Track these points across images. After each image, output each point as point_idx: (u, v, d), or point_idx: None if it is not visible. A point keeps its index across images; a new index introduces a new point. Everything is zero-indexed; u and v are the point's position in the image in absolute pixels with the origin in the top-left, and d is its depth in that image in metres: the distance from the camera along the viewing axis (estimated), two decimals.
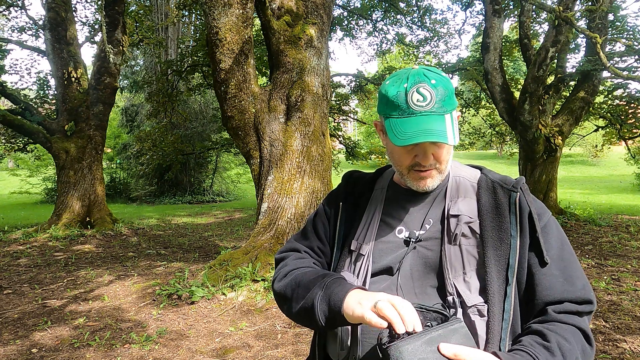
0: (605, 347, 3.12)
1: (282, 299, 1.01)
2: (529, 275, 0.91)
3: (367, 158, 14.13)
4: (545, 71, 7.95)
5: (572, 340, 0.84)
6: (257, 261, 4.57)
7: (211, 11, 4.61)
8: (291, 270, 1.03)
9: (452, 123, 0.91)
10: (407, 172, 0.98)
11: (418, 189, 0.99)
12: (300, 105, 5.04)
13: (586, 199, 14.17)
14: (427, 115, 0.89)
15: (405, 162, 0.97)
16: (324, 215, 1.14)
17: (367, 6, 12.73)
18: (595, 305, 0.92)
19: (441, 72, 0.98)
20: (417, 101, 0.90)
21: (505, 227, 0.92)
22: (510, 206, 0.93)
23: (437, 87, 0.90)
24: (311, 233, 1.14)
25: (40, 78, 10.49)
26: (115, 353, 3.21)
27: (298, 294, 0.96)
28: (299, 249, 1.12)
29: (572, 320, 0.87)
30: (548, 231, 0.93)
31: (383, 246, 0.99)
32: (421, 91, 0.90)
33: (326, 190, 5.20)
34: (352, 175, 1.17)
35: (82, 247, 7.14)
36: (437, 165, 0.96)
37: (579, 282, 0.91)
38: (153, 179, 17.38)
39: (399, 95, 0.91)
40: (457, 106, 0.97)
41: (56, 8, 8.28)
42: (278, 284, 1.03)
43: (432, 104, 0.90)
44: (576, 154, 31.36)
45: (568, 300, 0.89)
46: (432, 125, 0.89)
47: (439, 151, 0.94)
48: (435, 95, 0.90)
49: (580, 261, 5.64)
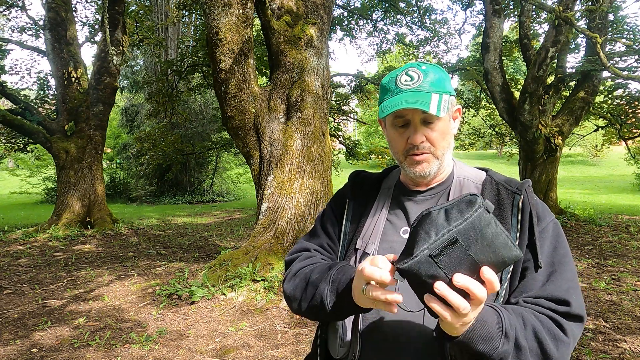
0: (605, 347, 3.12)
1: (292, 299, 1.01)
2: (520, 277, 0.90)
3: (367, 158, 14.13)
4: (545, 71, 7.95)
5: (536, 321, 0.81)
6: (257, 261, 4.57)
7: (211, 11, 4.61)
8: (299, 270, 1.03)
9: (440, 101, 0.92)
10: (404, 159, 0.99)
11: (415, 175, 0.99)
12: (300, 105, 5.04)
13: (586, 199, 14.17)
14: (412, 91, 0.93)
15: (400, 147, 0.99)
16: (331, 214, 1.15)
17: (367, 6, 12.73)
18: (584, 319, 0.86)
19: (439, 66, 1.00)
20: (405, 81, 0.94)
21: (506, 228, 0.91)
22: (513, 208, 0.92)
23: (426, 72, 0.95)
24: (320, 231, 1.14)
25: (41, 78, 10.49)
26: (115, 353, 3.21)
27: (307, 292, 0.96)
28: (308, 248, 1.12)
29: (545, 312, 0.84)
30: (544, 235, 0.92)
31: (387, 245, 0.99)
32: (409, 73, 0.95)
33: (326, 190, 5.20)
34: (358, 175, 1.17)
35: (82, 247, 7.14)
36: (431, 149, 0.96)
37: (565, 284, 0.87)
38: (153, 179, 17.38)
39: (390, 80, 0.97)
40: (451, 94, 0.97)
41: (56, 8, 8.29)
42: (287, 285, 1.04)
43: (419, 83, 0.93)
44: (576, 154, 31.37)
45: (543, 297, 0.86)
46: (414, 97, 0.92)
47: (431, 133, 0.95)
48: (423, 76, 0.94)
49: (580, 261, 5.64)
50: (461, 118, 5.90)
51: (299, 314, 1.02)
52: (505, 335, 0.75)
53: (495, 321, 0.75)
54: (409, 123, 0.96)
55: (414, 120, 0.95)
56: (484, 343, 0.74)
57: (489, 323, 0.74)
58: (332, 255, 1.11)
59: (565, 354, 0.82)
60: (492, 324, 0.75)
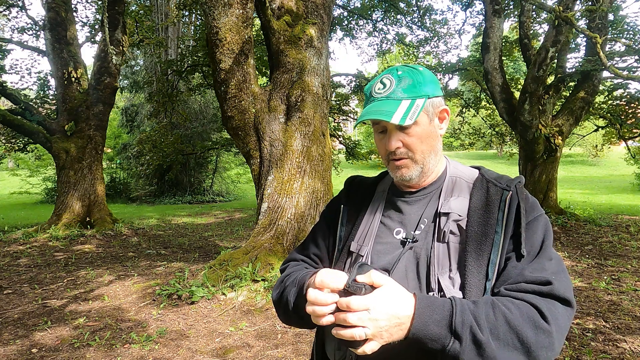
0: (605, 347, 3.12)
1: (276, 307, 1.07)
2: (502, 268, 0.89)
3: (367, 158, 14.14)
4: (545, 71, 7.95)
5: (512, 308, 0.80)
6: (257, 261, 4.57)
7: (211, 11, 4.61)
8: (283, 279, 1.07)
9: (409, 108, 0.93)
10: (387, 163, 1.02)
11: (397, 179, 1.03)
12: (300, 105, 5.04)
13: (586, 199, 14.17)
14: (381, 100, 0.96)
15: (382, 152, 1.02)
16: (323, 221, 1.18)
17: (367, 6, 12.73)
18: (572, 304, 0.84)
19: (420, 66, 1.01)
20: (378, 89, 0.98)
21: (492, 222, 0.91)
22: (500, 203, 0.92)
23: (401, 77, 0.97)
24: (310, 242, 1.18)
25: (41, 78, 10.49)
26: (116, 353, 3.21)
27: (282, 298, 1.02)
28: (296, 259, 1.17)
29: (525, 297, 0.82)
30: (533, 229, 0.90)
31: (381, 247, 1.00)
32: (383, 80, 0.98)
33: (326, 190, 5.20)
34: (353, 181, 1.19)
35: (82, 247, 7.14)
36: (409, 154, 0.97)
37: (549, 269, 0.85)
38: (153, 179, 17.38)
39: (368, 87, 1.01)
40: (430, 96, 0.97)
41: (56, 8, 8.29)
42: (273, 294, 1.09)
43: (389, 91, 0.96)
44: (576, 154, 31.38)
45: (524, 281, 0.84)
46: (381, 107, 0.94)
47: (407, 139, 0.96)
48: (395, 83, 0.96)
49: (580, 261, 5.64)
50: (461, 118, 5.85)
51: (285, 322, 1.07)
52: (455, 333, 0.76)
53: (446, 319, 0.77)
54: (387, 129, 0.98)
55: (389, 126, 0.97)
56: (433, 342, 0.77)
57: (434, 323, 0.77)
58: (317, 265, 1.14)
59: (547, 342, 0.78)
60: (441, 323, 0.77)
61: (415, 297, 0.79)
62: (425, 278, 0.93)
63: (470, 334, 0.76)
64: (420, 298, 0.79)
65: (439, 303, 0.79)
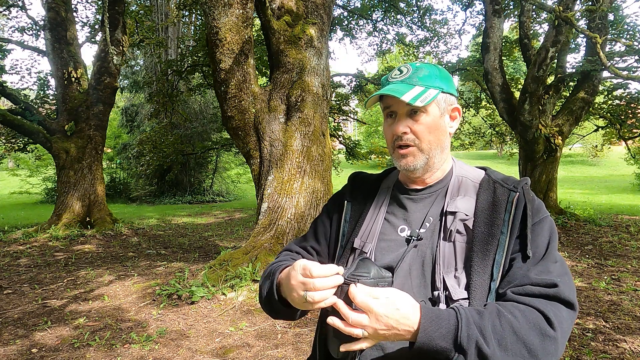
0: (605, 347, 3.12)
1: (260, 300, 1.08)
2: (507, 268, 0.89)
3: (367, 158, 14.15)
4: (545, 71, 7.95)
5: (519, 315, 0.80)
6: (257, 261, 4.57)
7: (211, 11, 4.61)
8: (269, 272, 1.06)
9: (421, 93, 0.94)
10: (393, 151, 1.02)
11: (401, 169, 1.01)
12: (300, 105, 5.04)
13: (586, 199, 14.17)
14: (397, 83, 0.97)
15: (389, 138, 1.01)
16: (325, 215, 1.16)
17: (367, 6, 12.73)
18: (575, 307, 0.84)
19: (439, 67, 1.01)
20: (394, 75, 1.00)
21: (498, 223, 0.91)
22: (507, 205, 0.92)
23: (418, 67, 0.98)
24: (310, 234, 1.17)
25: (41, 78, 10.49)
26: (116, 353, 3.21)
27: (263, 292, 1.03)
28: (291, 249, 1.16)
29: (531, 302, 0.82)
30: (538, 231, 0.91)
31: (385, 244, 1.00)
32: (401, 68, 1.00)
33: (326, 190, 5.20)
34: (357, 176, 1.18)
35: (82, 247, 7.14)
36: (415, 141, 0.97)
37: (554, 271, 0.86)
38: (153, 179, 17.38)
39: (386, 75, 1.02)
40: (444, 91, 0.98)
41: (56, 8, 8.29)
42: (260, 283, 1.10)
43: (406, 76, 0.97)
44: (576, 154, 31.37)
45: (530, 283, 0.85)
46: (395, 87, 0.95)
47: (416, 126, 0.97)
48: (411, 70, 0.98)
49: (580, 261, 5.64)
50: (461, 118, 5.89)
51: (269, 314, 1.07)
52: (460, 348, 0.76)
53: (451, 333, 0.78)
54: (397, 114, 0.99)
55: (399, 111, 0.97)
56: (438, 354, 0.78)
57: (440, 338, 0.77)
58: (314, 258, 1.13)
59: (553, 349, 0.79)
60: (446, 337, 0.77)
61: (421, 310, 0.79)
62: (431, 276, 0.93)
63: (476, 348, 0.77)
64: (426, 311, 0.79)
65: (444, 316, 0.79)
